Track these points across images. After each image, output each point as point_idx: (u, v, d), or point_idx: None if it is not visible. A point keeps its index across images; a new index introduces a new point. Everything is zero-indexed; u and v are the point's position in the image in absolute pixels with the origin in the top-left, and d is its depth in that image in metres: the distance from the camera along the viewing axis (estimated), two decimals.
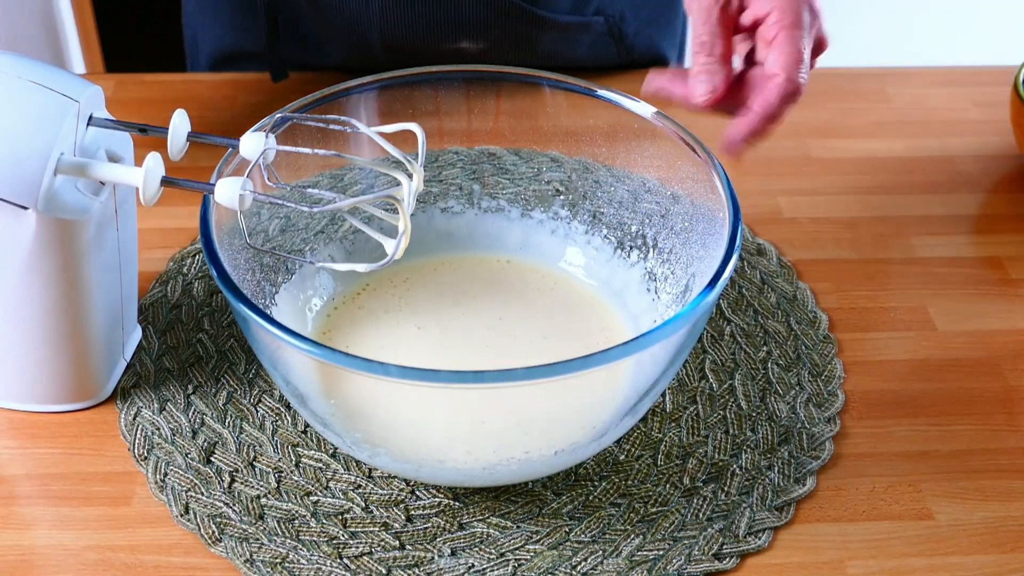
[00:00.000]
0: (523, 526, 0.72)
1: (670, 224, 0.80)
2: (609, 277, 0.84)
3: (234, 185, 0.67)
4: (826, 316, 0.87)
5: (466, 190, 0.87)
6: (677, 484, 0.75)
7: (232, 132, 0.75)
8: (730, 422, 0.79)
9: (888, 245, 0.94)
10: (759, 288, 0.89)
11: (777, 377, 0.82)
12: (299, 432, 0.77)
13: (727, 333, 0.85)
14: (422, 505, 0.73)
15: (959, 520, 0.74)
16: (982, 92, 1.11)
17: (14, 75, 0.68)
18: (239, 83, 1.09)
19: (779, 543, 0.72)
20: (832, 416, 0.79)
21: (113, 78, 1.10)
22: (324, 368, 0.70)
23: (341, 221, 0.84)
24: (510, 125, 0.85)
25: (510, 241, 0.86)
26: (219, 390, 0.79)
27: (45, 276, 0.71)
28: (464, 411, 0.71)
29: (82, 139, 0.71)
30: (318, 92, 0.78)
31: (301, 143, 0.77)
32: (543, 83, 0.81)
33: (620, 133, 0.81)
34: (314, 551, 0.70)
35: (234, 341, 0.83)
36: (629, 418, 0.70)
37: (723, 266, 0.68)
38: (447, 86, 0.83)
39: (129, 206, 0.76)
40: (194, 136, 0.71)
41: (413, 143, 0.71)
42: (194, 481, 0.74)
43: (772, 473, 0.75)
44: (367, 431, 0.71)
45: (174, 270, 0.89)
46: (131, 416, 0.78)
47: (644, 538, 0.72)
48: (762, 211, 0.97)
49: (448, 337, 0.79)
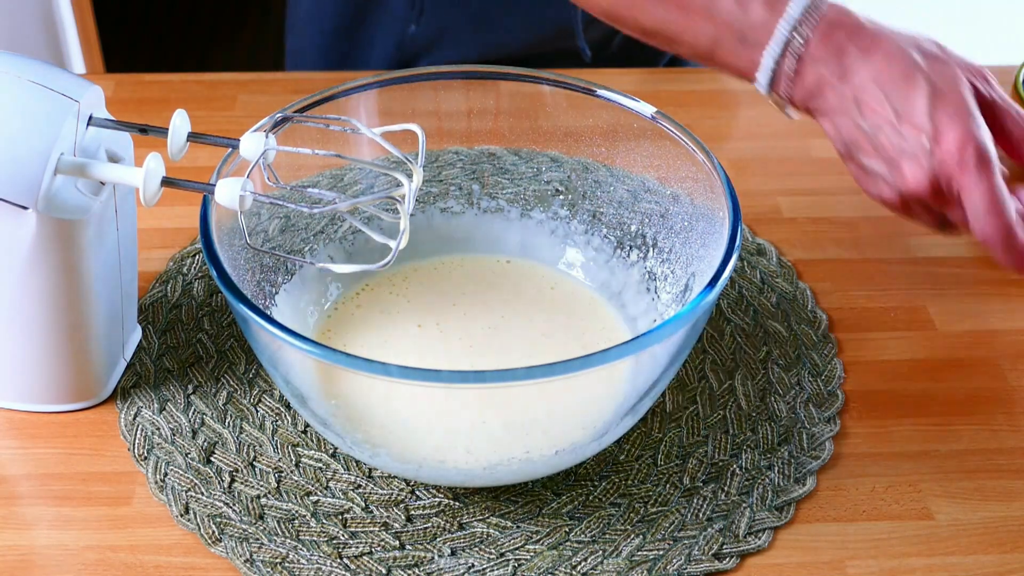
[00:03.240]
0: (523, 526, 0.72)
1: (670, 224, 0.80)
2: (609, 277, 0.84)
3: (234, 185, 0.67)
4: (826, 316, 0.87)
5: (466, 190, 0.87)
6: (677, 484, 0.75)
7: (232, 132, 0.75)
8: (730, 422, 0.79)
9: (888, 245, 0.94)
10: (759, 288, 0.89)
11: (777, 377, 0.82)
12: (299, 432, 0.77)
13: (727, 333, 0.85)
14: (422, 505, 0.73)
15: (959, 520, 0.74)
16: None
17: (14, 75, 0.68)
18: (239, 83, 1.09)
19: (779, 543, 0.72)
20: (832, 416, 0.79)
21: (113, 78, 1.10)
22: (324, 368, 0.70)
23: (341, 221, 0.84)
24: (510, 125, 0.85)
25: (510, 241, 0.86)
26: (219, 390, 0.79)
27: (45, 276, 0.71)
28: (464, 411, 0.71)
29: (82, 139, 0.71)
30: (318, 92, 0.78)
31: (301, 143, 0.77)
32: (543, 83, 0.81)
33: (620, 133, 0.81)
34: (314, 551, 0.70)
35: (234, 341, 0.83)
36: (629, 418, 0.70)
37: (723, 266, 0.68)
38: (447, 86, 0.83)
39: (129, 206, 0.76)
40: (194, 136, 0.71)
41: (413, 143, 0.71)
42: (194, 481, 0.74)
43: (772, 473, 0.75)
44: (367, 431, 0.71)
45: (174, 270, 0.89)
46: (131, 416, 0.78)
47: (644, 538, 0.72)
48: (762, 211, 0.97)
49: (448, 337, 0.79)
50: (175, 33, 2.84)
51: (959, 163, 0.73)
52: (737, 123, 1.08)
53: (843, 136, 0.78)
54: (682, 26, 0.80)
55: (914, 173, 0.75)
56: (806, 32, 0.76)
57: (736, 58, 0.79)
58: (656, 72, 1.16)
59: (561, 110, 0.82)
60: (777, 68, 0.77)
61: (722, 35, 0.78)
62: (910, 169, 0.75)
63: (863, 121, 0.76)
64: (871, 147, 0.77)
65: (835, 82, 0.76)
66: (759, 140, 1.05)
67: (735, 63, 0.79)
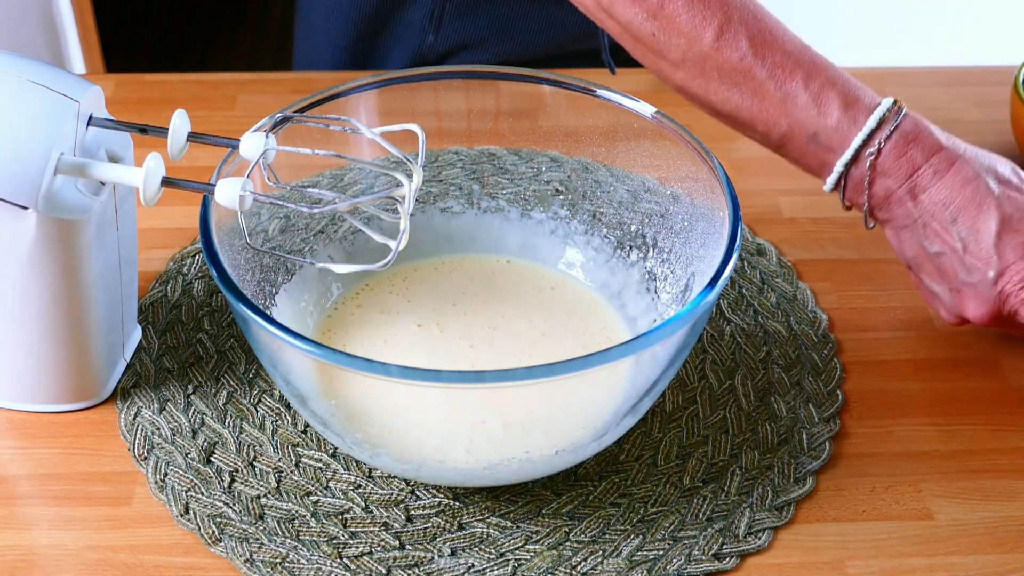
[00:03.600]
0: (523, 526, 0.72)
1: (670, 224, 0.80)
2: (609, 277, 0.84)
3: (234, 185, 0.67)
4: (826, 316, 0.87)
5: (466, 190, 0.87)
6: (677, 484, 0.75)
7: (232, 132, 0.75)
8: (730, 422, 0.79)
9: (888, 245, 0.94)
10: (759, 288, 0.89)
11: (777, 377, 0.82)
12: (299, 432, 0.77)
13: (727, 333, 0.85)
14: (422, 505, 0.73)
15: (959, 520, 0.74)
16: (982, 92, 1.11)
17: (14, 75, 0.68)
18: (239, 83, 1.09)
19: (779, 543, 0.72)
20: (832, 416, 0.79)
21: (113, 78, 1.10)
22: (324, 368, 0.70)
23: (341, 221, 0.84)
24: (510, 125, 0.85)
25: (510, 241, 0.86)
26: (219, 390, 0.79)
27: (45, 276, 0.71)
28: (464, 411, 0.71)
29: (82, 139, 0.71)
30: (318, 92, 0.78)
31: (301, 143, 0.77)
32: (543, 83, 0.81)
33: (620, 133, 0.81)
34: (314, 551, 0.70)
35: (234, 341, 0.83)
36: (629, 418, 0.70)
37: (723, 266, 0.68)
38: (447, 86, 0.83)
39: (129, 206, 0.76)
40: (194, 136, 0.71)
41: (413, 143, 0.71)
42: (194, 481, 0.74)
43: (772, 473, 0.75)
44: (367, 431, 0.71)
45: (174, 270, 0.89)
46: (131, 416, 0.78)
47: (644, 538, 0.72)
48: (762, 211, 0.97)
49: (448, 337, 0.79)
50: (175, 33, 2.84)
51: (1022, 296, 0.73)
52: None
53: (906, 253, 0.78)
54: (755, 114, 0.78)
55: (975, 306, 0.75)
56: (881, 143, 0.75)
57: (806, 156, 0.78)
58: None
59: (561, 110, 0.82)
60: (846, 174, 0.76)
61: (795, 131, 0.77)
62: (971, 302, 0.76)
63: (928, 244, 0.76)
64: (935, 270, 0.77)
65: (904, 199, 0.75)
66: None
67: (805, 161, 0.78)
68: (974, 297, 0.76)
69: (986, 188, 0.74)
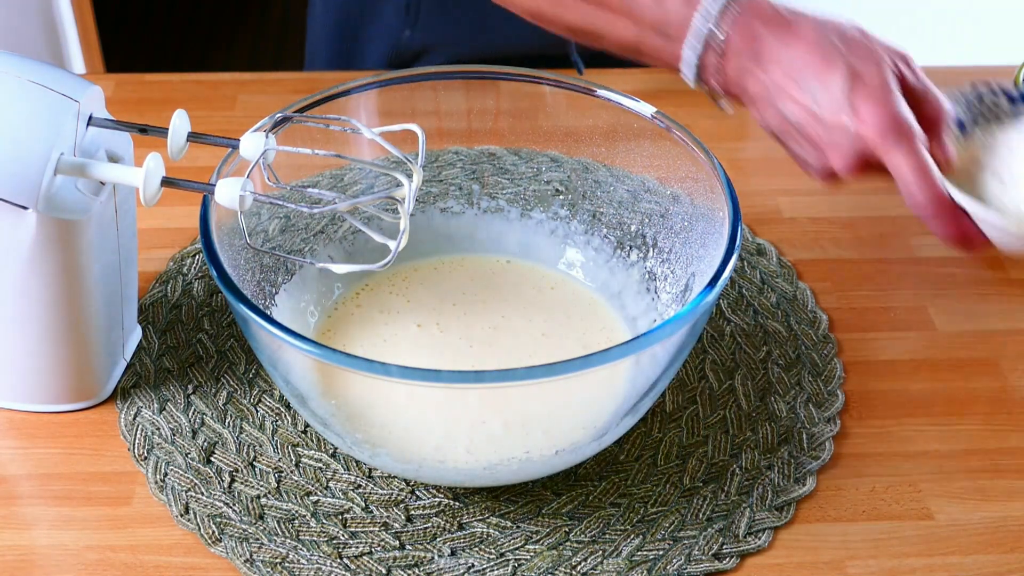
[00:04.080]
0: (523, 526, 0.72)
1: (670, 224, 0.80)
2: (608, 277, 0.84)
3: (234, 185, 0.67)
4: (826, 316, 0.87)
5: (466, 190, 0.87)
6: (677, 484, 0.75)
7: (232, 132, 0.75)
8: (730, 422, 0.79)
9: (888, 245, 0.94)
10: (759, 288, 0.89)
11: (777, 377, 0.82)
12: (299, 432, 0.77)
13: (727, 333, 0.85)
14: (422, 505, 0.73)
15: (959, 520, 0.74)
16: None
17: (14, 75, 0.68)
18: (239, 83, 1.09)
19: (779, 543, 0.72)
20: (832, 416, 0.79)
21: (113, 78, 1.10)
22: (324, 368, 0.70)
23: (341, 221, 0.84)
24: (510, 125, 0.85)
25: (510, 241, 0.86)
26: (219, 390, 0.79)
27: (45, 276, 0.71)
28: (464, 411, 0.71)
29: (82, 139, 0.71)
30: (318, 92, 0.78)
31: (301, 143, 0.77)
32: (543, 83, 0.81)
33: (620, 133, 0.81)
34: (314, 551, 0.70)
35: (234, 341, 0.83)
36: (629, 418, 0.70)
37: (723, 266, 0.68)
38: (447, 86, 0.83)
39: (129, 206, 0.76)
40: (194, 136, 0.71)
41: (413, 143, 0.71)
42: (194, 481, 0.74)
43: (772, 473, 0.75)
44: (367, 431, 0.71)
45: (174, 270, 0.89)
46: (131, 416, 0.78)
47: (644, 538, 0.72)
48: (762, 211, 0.97)
49: (448, 337, 0.79)
50: (175, 33, 2.84)
51: (880, 137, 0.73)
52: (737, 123, 1.08)
53: (770, 124, 0.79)
54: (605, 23, 0.81)
55: (840, 159, 0.75)
56: (724, 24, 0.76)
57: (660, 53, 0.80)
58: (656, 72, 1.16)
59: (561, 110, 0.82)
60: (700, 61, 0.78)
61: (644, 31, 0.79)
62: (835, 156, 0.75)
63: (787, 112, 0.76)
64: (800, 136, 0.77)
65: (755, 71, 0.76)
66: (759, 140, 1.05)
67: (660, 58, 0.80)
68: (838, 152, 0.75)
69: (831, 46, 0.75)
